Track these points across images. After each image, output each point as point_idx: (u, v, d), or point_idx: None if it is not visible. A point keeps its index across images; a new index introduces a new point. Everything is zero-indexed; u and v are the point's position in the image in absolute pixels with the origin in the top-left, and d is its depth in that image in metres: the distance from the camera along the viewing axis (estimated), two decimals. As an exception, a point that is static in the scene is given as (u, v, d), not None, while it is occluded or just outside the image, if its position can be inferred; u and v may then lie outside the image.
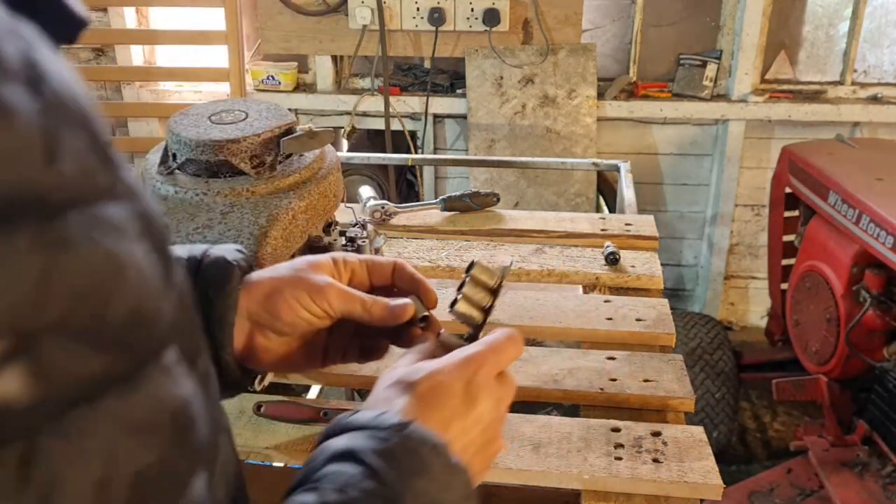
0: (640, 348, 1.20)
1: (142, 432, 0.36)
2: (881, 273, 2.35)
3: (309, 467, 0.51)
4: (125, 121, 3.49)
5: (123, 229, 0.36)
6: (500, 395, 0.60)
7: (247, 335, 0.67)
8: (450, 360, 0.59)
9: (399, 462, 0.50)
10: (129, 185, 0.38)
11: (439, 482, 0.51)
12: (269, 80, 3.22)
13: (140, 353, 0.36)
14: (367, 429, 0.52)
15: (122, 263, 0.35)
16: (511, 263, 0.72)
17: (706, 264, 3.54)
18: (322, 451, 0.52)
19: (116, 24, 3.31)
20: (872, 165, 2.61)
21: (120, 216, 0.36)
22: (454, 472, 0.52)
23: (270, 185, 1.04)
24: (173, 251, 0.45)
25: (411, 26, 3.07)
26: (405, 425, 0.52)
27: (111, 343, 0.34)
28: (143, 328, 0.36)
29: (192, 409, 0.39)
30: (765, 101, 3.20)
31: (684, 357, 1.17)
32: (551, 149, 3.13)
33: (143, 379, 0.36)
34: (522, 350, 0.64)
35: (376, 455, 0.49)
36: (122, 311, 0.34)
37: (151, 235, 0.38)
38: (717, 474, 0.93)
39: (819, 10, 3.28)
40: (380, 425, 0.52)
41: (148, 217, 0.39)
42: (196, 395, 0.40)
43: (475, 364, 0.59)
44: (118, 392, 0.34)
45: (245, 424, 1.05)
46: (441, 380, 0.57)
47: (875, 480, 2.35)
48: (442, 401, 0.56)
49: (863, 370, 2.47)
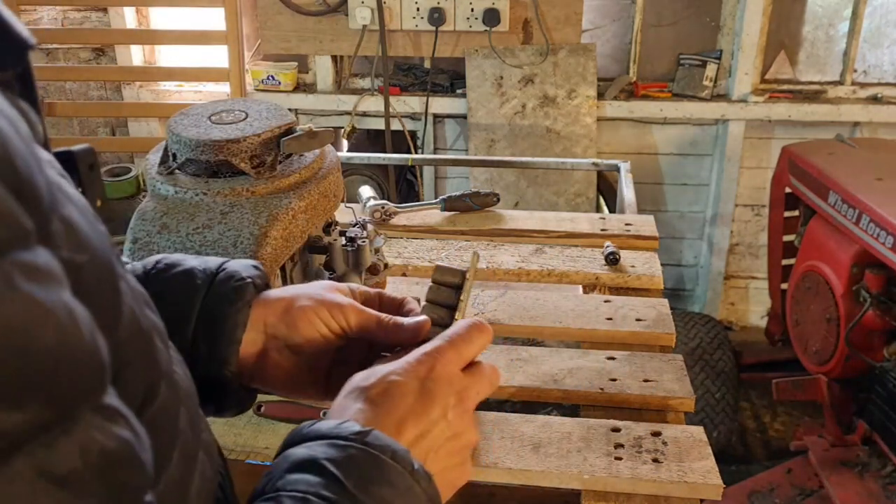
0: (640, 348, 1.20)
1: (70, 481, 0.34)
2: (881, 273, 2.35)
3: (270, 476, 0.51)
4: (125, 121, 3.49)
5: (49, 274, 0.34)
6: (464, 387, 0.59)
7: (259, 350, 0.67)
8: (405, 360, 0.59)
9: (360, 470, 0.49)
10: (65, 225, 0.36)
11: (401, 489, 0.50)
12: (269, 80, 3.22)
13: (67, 401, 0.34)
14: (328, 438, 0.51)
15: (45, 311, 0.33)
16: (475, 255, 0.71)
17: (706, 264, 3.54)
18: (283, 459, 0.51)
19: (116, 24, 3.31)
20: (872, 165, 2.61)
21: (46, 261, 0.34)
22: (416, 477, 0.52)
23: (270, 185, 1.04)
24: (129, 286, 0.43)
25: (411, 26, 3.07)
26: (365, 434, 0.51)
27: (32, 395, 0.32)
28: (69, 376, 0.34)
29: (132, 451, 0.38)
30: (765, 101, 3.20)
31: (684, 357, 1.17)
32: (551, 149, 3.13)
33: (72, 427, 0.34)
34: (489, 337, 0.63)
35: (336, 464, 0.49)
36: (45, 360, 0.33)
37: (85, 275, 0.37)
38: (717, 474, 0.93)
39: (819, 10, 3.28)
40: (339, 434, 0.51)
41: (81, 256, 0.37)
42: (139, 436, 0.38)
43: (430, 360, 0.58)
44: (43, 442, 0.33)
45: (245, 424, 1.05)
46: (393, 381, 0.57)
47: (875, 480, 2.35)
48: (395, 402, 0.56)
49: (863, 370, 2.47)
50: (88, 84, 3.45)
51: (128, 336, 0.41)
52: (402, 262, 1.43)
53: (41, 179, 0.36)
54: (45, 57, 3.42)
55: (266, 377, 0.68)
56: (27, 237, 0.34)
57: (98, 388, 0.36)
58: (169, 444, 0.45)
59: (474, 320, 0.63)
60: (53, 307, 0.33)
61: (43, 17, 3.35)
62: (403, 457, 0.52)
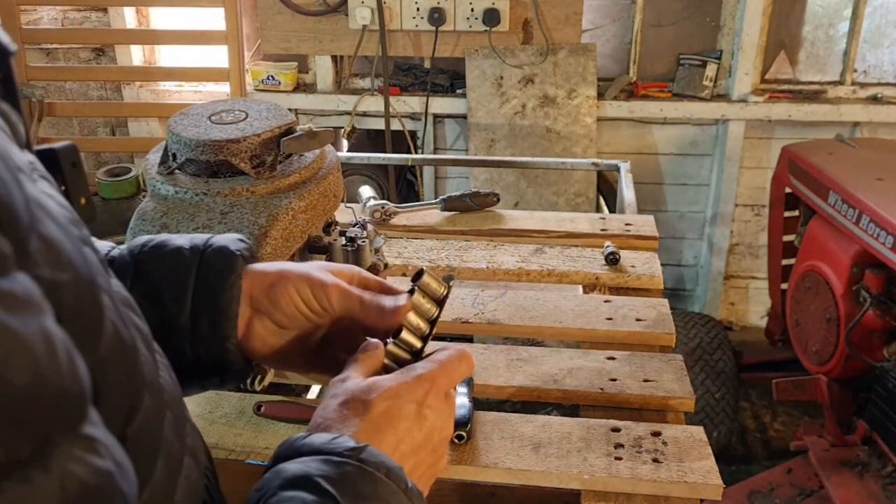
0: (640, 348, 1.20)
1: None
2: (881, 273, 2.35)
3: (262, 492, 0.50)
4: (125, 121, 3.49)
5: (27, 301, 0.33)
6: (448, 415, 0.61)
7: (246, 321, 0.67)
8: (403, 380, 0.59)
9: (354, 487, 0.49)
10: (44, 243, 0.35)
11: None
12: (269, 80, 3.22)
13: (43, 435, 0.33)
14: (322, 453, 0.51)
15: (20, 342, 0.32)
16: (453, 278, 0.71)
17: (706, 264, 3.54)
18: (276, 475, 0.51)
19: (116, 24, 3.31)
20: (872, 165, 2.61)
21: (24, 287, 0.33)
22: (409, 496, 0.52)
23: (270, 185, 1.04)
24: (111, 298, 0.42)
25: (411, 26, 3.07)
26: (360, 450, 0.51)
27: (7, 430, 0.31)
28: (45, 409, 0.33)
29: (112, 483, 0.36)
30: (765, 101, 3.20)
31: (684, 357, 1.17)
32: (551, 149, 3.13)
33: (49, 462, 0.33)
34: (473, 368, 0.64)
35: (331, 481, 0.49)
36: (20, 394, 0.32)
37: (65, 295, 0.36)
38: (717, 474, 0.93)
39: (819, 10, 3.28)
40: (334, 450, 0.51)
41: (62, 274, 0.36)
42: (121, 465, 0.37)
43: (427, 384, 0.59)
44: (20, 478, 0.32)
45: (245, 424, 1.05)
46: (395, 401, 0.57)
47: (875, 480, 2.35)
48: (395, 422, 0.56)
49: (863, 370, 2.47)
50: (88, 84, 3.45)
51: (109, 352, 0.40)
52: (402, 262, 1.43)
53: (19, 199, 0.34)
54: (45, 57, 3.43)
55: (252, 349, 0.67)
56: (4, 263, 0.32)
57: (76, 418, 0.35)
58: (153, 453, 0.45)
59: (463, 349, 0.64)
60: (29, 338, 0.32)
61: (43, 17, 3.35)
62: (398, 475, 0.52)
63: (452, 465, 0.97)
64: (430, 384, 0.59)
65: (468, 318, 1.26)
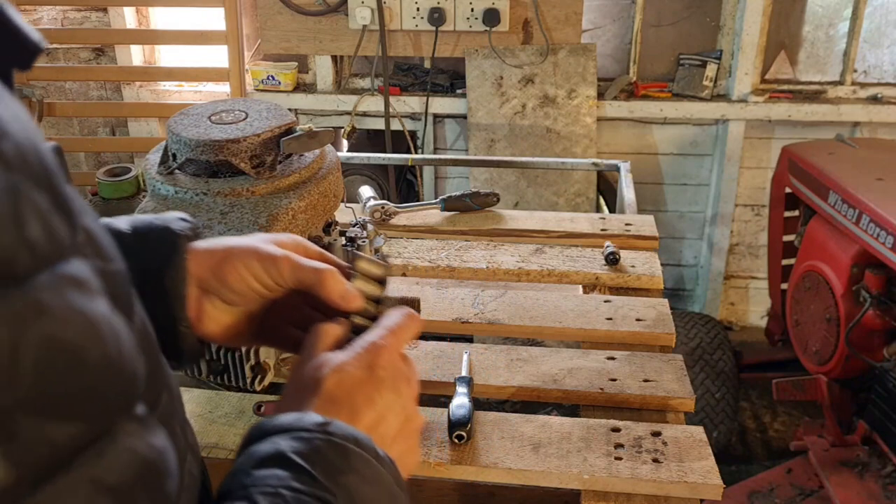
0: (640, 348, 1.20)
1: (120, 490, 0.35)
2: (881, 273, 2.35)
3: (235, 475, 0.51)
4: (125, 121, 3.49)
5: (89, 285, 0.34)
6: (406, 375, 0.61)
7: (195, 302, 0.65)
8: (353, 351, 0.59)
9: (327, 461, 0.50)
10: (87, 234, 0.37)
11: (368, 476, 0.51)
12: (269, 80, 3.22)
13: (113, 410, 0.35)
14: (291, 431, 0.51)
15: (92, 325, 0.34)
16: (387, 263, 0.71)
17: (706, 264, 3.54)
18: (248, 457, 0.51)
19: (116, 24, 3.31)
20: (872, 165, 2.61)
21: (84, 272, 0.35)
22: (381, 463, 0.52)
23: (270, 185, 1.04)
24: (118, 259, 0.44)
25: (411, 26, 3.07)
26: (327, 424, 0.52)
27: (84, 406, 0.33)
28: (115, 385, 0.35)
29: (166, 458, 0.39)
30: (765, 101, 3.20)
31: (684, 357, 1.17)
32: (551, 149, 3.13)
33: (118, 436, 0.35)
34: (421, 325, 0.64)
35: (303, 456, 0.49)
36: (94, 373, 0.34)
37: (113, 284, 0.37)
38: (717, 474, 0.93)
39: (819, 10, 3.28)
40: (302, 426, 0.51)
41: (107, 265, 0.38)
42: (167, 445, 0.40)
43: (375, 348, 0.60)
44: (94, 453, 0.34)
45: (245, 424, 1.05)
46: (345, 372, 0.57)
47: (875, 480, 2.35)
48: (350, 392, 0.57)
49: (863, 370, 2.47)
50: (88, 84, 3.45)
51: (142, 343, 0.41)
52: (402, 262, 1.43)
53: (69, 190, 0.36)
54: (45, 57, 3.42)
55: (205, 329, 0.67)
56: (64, 249, 0.34)
57: (133, 398, 0.37)
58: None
59: (406, 309, 0.64)
60: (98, 320, 0.34)
61: (43, 17, 3.35)
62: (367, 444, 0.52)
63: (452, 465, 0.97)
64: (378, 348, 0.60)
65: (468, 318, 1.26)
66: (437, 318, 1.26)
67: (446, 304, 1.29)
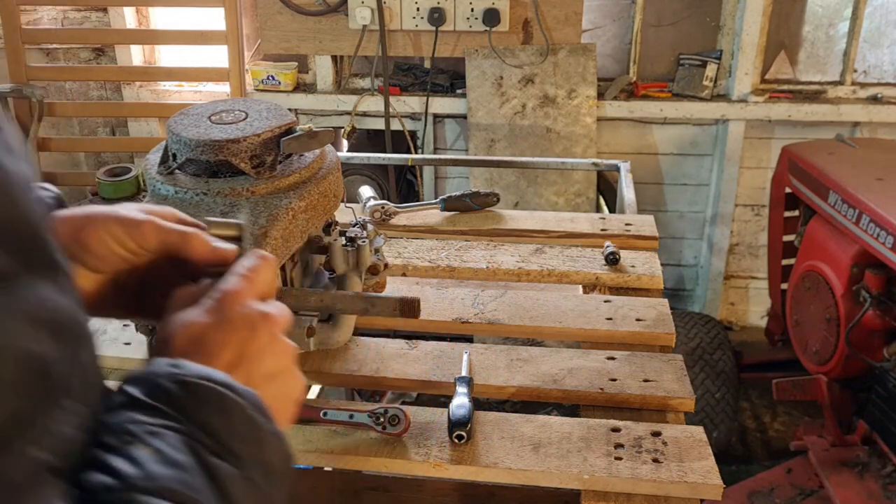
0: (640, 348, 1.20)
1: (53, 324, 0.41)
2: (881, 273, 2.35)
3: (88, 430, 0.50)
4: (125, 121, 3.49)
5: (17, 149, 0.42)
6: (262, 311, 0.60)
7: None
8: (201, 304, 0.59)
9: (175, 397, 0.50)
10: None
11: (221, 406, 0.51)
12: (269, 80, 3.22)
13: (31, 256, 0.41)
14: (142, 379, 0.52)
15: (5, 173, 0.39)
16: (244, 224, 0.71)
17: (706, 264, 3.54)
18: (102, 410, 0.51)
19: (116, 24, 3.31)
20: (872, 165, 2.61)
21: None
22: (239, 394, 0.52)
23: (270, 185, 1.04)
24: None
25: (411, 26, 3.07)
26: (176, 365, 0.52)
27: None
28: (24, 235, 0.41)
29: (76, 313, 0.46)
30: (765, 101, 3.20)
31: (684, 357, 1.17)
32: (551, 149, 3.13)
33: (37, 280, 0.42)
34: (274, 264, 0.64)
35: (152, 396, 0.50)
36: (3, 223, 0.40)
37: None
38: (717, 474, 0.93)
39: (819, 10, 3.28)
40: (152, 372, 0.52)
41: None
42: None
43: (224, 295, 0.59)
44: (24, 283, 0.40)
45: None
46: (192, 322, 0.57)
47: (875, 480, 2.35)
48: (200, 341, 0.56)
49: (863, 370, 2.47)
50: (88, 84, 3.45)
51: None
52: (402, 262, 1.43)
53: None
54: (45, 57, 3.43)
55: None
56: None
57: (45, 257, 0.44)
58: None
59: (260, 252, 0.64)
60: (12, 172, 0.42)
61: (43, 17, 3.35)
62: (221, 379, 0.52)
63: (452, 465, 0.97)
64: (226, 293, 0.59)
65: (468, 318, 1.26)
66: (437, 318, 1.26)
67: (446, 304, 1.29)
